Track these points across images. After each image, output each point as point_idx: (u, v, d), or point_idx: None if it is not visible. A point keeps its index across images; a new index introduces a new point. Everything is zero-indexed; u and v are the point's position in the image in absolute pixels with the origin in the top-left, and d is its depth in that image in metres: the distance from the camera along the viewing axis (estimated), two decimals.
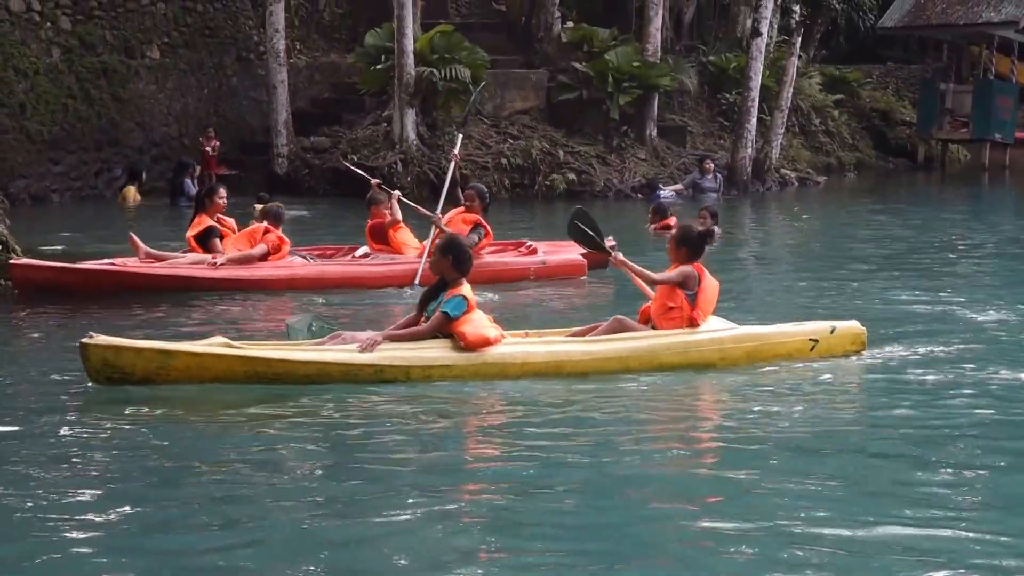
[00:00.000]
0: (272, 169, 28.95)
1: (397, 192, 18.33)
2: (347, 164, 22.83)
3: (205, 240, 16.81)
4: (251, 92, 30.62)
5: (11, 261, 15.83)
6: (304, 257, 17.50)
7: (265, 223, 17.15)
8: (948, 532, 7.49)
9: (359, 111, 30.31)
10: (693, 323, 11.84)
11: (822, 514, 7.83)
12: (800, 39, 35.08)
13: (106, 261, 16.53)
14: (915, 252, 21.89)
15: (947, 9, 41.55)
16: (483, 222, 17.59)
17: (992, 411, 10.67)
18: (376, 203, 18.08)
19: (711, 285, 11.97)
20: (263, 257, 16.75)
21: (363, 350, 10.97)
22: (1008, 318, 15.16)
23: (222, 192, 17.54)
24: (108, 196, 27.04)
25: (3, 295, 15.73)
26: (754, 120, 32.62)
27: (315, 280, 16.94)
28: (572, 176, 29.67)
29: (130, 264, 16.51)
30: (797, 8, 35.44)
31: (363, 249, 17.80)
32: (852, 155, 39.63)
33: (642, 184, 30.19)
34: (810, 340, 12.25)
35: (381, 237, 17.77)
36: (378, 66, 29.09)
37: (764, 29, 32.66)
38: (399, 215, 18.00)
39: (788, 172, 34.12)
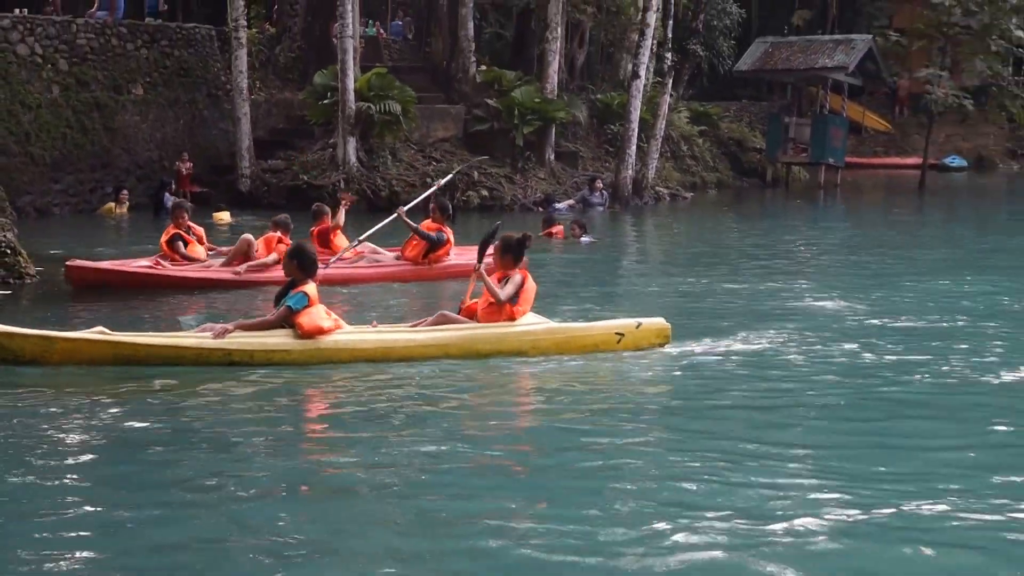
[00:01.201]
0: (237, 187, 28.81)
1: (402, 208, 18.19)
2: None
3: (172, 244, 16.70)
4: (219, 123, 30.51)
5: (67, 263, 15.82)
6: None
7: (278, 233, 17.14)
8: (727, 508, 7.24)
9: (309, 139, 30.25)
10: (512, 318, 11.62)
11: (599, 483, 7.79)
12: (671, 81, 35.39)
13: (146, 264, 16.42)
14: (760, 254, 22.11)
15: (790, 56, 41.99)
16: (445, 229, 17.68)
17: (778, 392, 10.57)
18: (324, 212, 18.10)
19: (531, 287, 11.80)
20: (276, 262, 16.61)
21: (215, 337, 10.83)
22: (825, 311, 15.08)
23: (186, 209, 17.46)
24: (100, 210, 26.80)
25: (13, 293, 15.56)
26: (634, 147, 32.74)
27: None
28: (485, 192, 29.77)
29: (168, 267, 16.46)
30: (669, 55, 35.84)
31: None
32: (713, 175, 39.98)
33: (541, 199, 30.29)
34: (616, 334, 11.86)
35: (325, 241, 17.74)
36: (325, 101, 29.07)
37: (642, 72, 32.82)
38: (341, 220, 18.12)
39: (661, 189, 34.38)
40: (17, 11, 27.11)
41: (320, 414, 10.02)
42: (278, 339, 10.96)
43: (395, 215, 17.81)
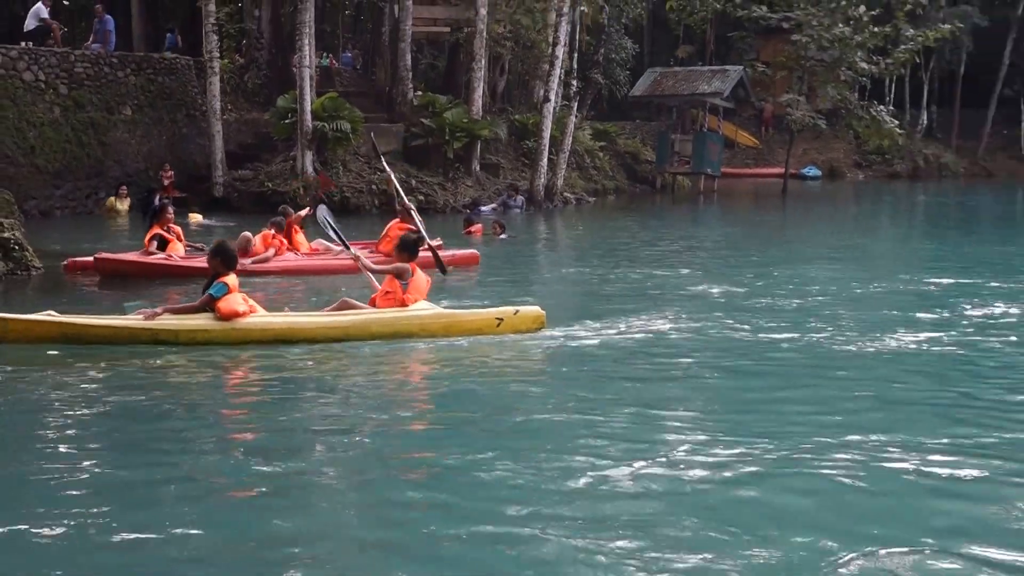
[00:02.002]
0: (212, 193, 28.62)
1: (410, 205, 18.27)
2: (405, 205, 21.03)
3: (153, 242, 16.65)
4: (196, 139, 30.26)
5: (96, 255, 15.92)
6: (295, 253, 17.54)
7: (272, 231, 17.21)
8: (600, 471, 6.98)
9: (273, 152, 30.07)
10: (403, 304, 11.50)
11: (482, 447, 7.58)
12: (576, 104, 35.64)
13: (161, 256, 16.30)
14: (648, 248, 22.07)
15: (675, 84, 42.37)
16: (412, 228, 17.72)
17: (648, 364, 10.39)
18: (288, 213, 18.13)
19: (421, 278, 11.74)
20: (273, 255, 16.86)
21: (146, 319, 10.73)
22: (702, 295, 14.97)
23: (169, 210, 17.44)
24: (96, 212, 26.71)
25: (20, 282, 15.45)
26: (545, 159, 32.85)
27: (299, 270, 16.90)
28: (421, 197, 29.61)
29: (180, 259, 16.41)
30: (574, 83, 35.97)
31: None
32: (612, 183, 40.10)
33: (469, 203, 30.33)
34: (496, 319, 11.56)
35: (287, 237, 17.77)
36: (286, 120, 28.97)
37: (552, 97, 32.97)
38: (303, 214, 18.51)
39: (569, 195, 34.50)
40: (23, 44, 27.01)
41: (235, 387, 9.81)
42: (200, 321, 10.83)
43: (411, 207, 18.02)
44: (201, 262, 16.42)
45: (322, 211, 14.33)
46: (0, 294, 14.41)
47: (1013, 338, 11.78)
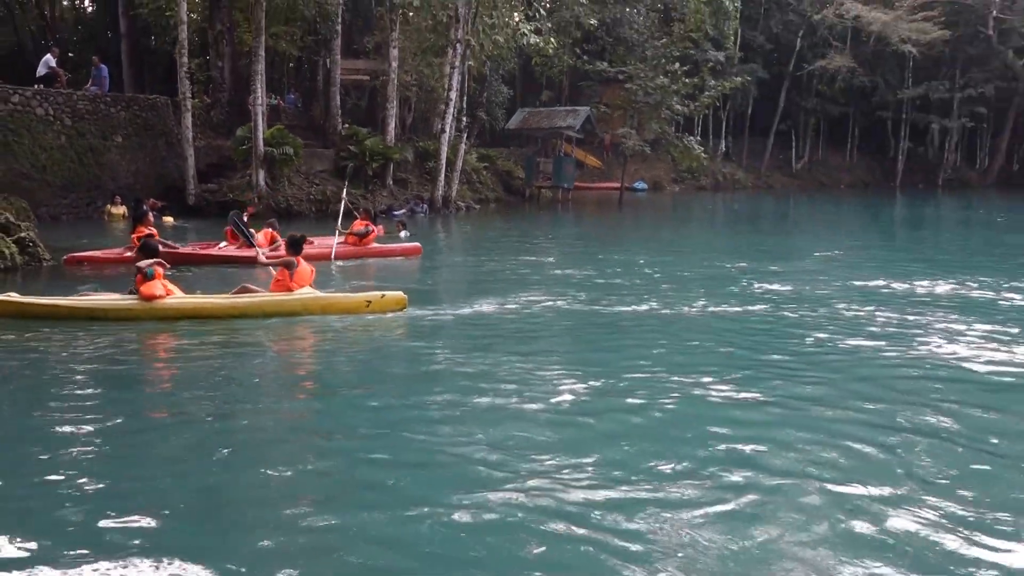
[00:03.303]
0: (186, 202, 28.07)
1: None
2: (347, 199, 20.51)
3: (141, 239, 16.26)
4: (173, 160, 29.64)
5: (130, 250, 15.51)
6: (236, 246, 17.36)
7: (270, 229, 17.36)
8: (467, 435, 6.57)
9: (233, 170, 29.70)
10: (290, 289, 11.18)
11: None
12: (466, 134, 35.63)
13: (188, 247, 15.99)
14: (517, 243, 22.14)
15: (540, 120, 42.58)
16: (371, 224, 18.21)
17: (495, 332, 10.09)
18: (239, 218, 17.84)
19: (305, 269, 11.42)
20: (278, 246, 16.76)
21: (80, 298, 10.58)
22: (555, 279, 14.67)
23: (150, 215, 17.23)
24: (95, 217, 26.01)
25: (34, 271, 15.10)
26: (443, 176, 32.91)
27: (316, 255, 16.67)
28: (350, 205, 29.34)
29: (188, 249, 16.37)
30: (464, 118, 35.86)
31: (223, 243, 17.45)
32: (493, 194, 40.21)
33: (385, 208, 30.19)
34: (365, 301, 11.01)
35: (234, 236, 17.50)
36: (243, 146, 28.59)
37: (447, 128, 33.01)
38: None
39: (461, 203, 34.58)
40: (36, 86, 26.37)
41: (151, 355, 9.32)
42: (125, 302, 10.56)
43: (342, 232, 18.02)
44: (217, 251, 16.48)
45: (232, 215, 14.17)
46: (19, 280, 14.05)
47: (791, 306, 12.13)
